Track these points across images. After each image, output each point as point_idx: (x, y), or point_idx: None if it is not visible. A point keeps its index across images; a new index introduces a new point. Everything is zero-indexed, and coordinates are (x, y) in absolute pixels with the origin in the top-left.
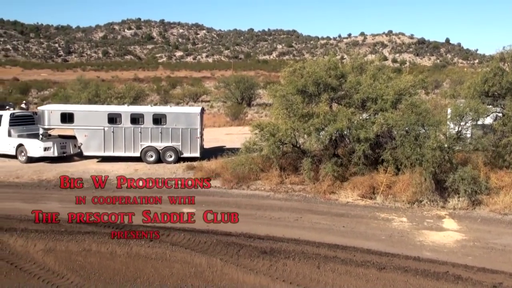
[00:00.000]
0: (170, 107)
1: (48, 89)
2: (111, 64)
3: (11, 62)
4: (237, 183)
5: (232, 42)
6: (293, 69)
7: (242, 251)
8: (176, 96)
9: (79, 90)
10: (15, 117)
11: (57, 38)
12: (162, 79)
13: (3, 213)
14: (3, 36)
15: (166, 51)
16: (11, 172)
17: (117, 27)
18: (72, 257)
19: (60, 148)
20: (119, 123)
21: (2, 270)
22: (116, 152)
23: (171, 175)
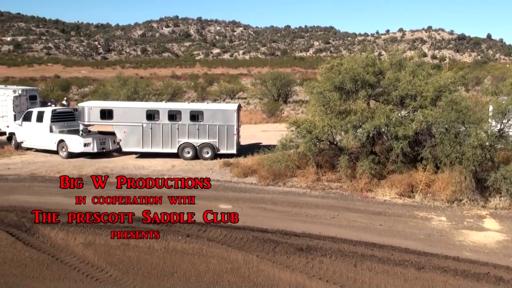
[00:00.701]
0: (207, 104)
1: (88, 86)
2: (149, 61)
3: (53, 60)
4: (273, 180)
5: (269, 39)
6: (331, 66)
7: (278, 248)
8: (213, 93)
9: (118, 87)
10: (57, 113)
11: (97, 36)
12: (199, 76)
13: (45, 207)
14: (45, 35)
15: (203, 48)
16: (53, 167)
17: (155, 25)
18: (111, 251)
19: (100, 144)
20: (157, 120)
21: (44, 262)
22: (154, 148)
23: (208, 171)
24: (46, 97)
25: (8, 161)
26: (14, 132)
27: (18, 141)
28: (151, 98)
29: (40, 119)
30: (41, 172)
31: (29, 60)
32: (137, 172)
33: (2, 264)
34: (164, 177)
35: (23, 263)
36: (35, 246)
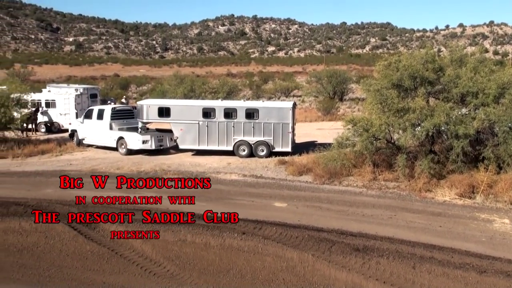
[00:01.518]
0: (262, 102)
1: (146, 85)
2: (205, 60)
3: (112, 59)
4: (328, 178)
5: (324, 36)
6: (388, 63)
7: (334, 248)
8: (268, 91)
9: (175, 85)
10: (116, 111)
11: (154, 36)
12: (254, 74)
13: (105, 202)
14: (105, 35)
15: (259, 46)
16: (112, 163)
17: (211, 23)
18: (168, 247)
19: (157, 141)
20: (213, 118)
21: (104, 256)
22: (210, 145)
23: (263, 169)
24: (106, 96)
25: (70, 157)
26: (76, 129)
27: (79, 138)
28: (207, 96)
29: (100, 117)
30: (101, 168)
31: (90, 60)
32: (193, 169)
33: (65, 256)
34: (217, 175)
35: (84, 256)
36: (96, 240)
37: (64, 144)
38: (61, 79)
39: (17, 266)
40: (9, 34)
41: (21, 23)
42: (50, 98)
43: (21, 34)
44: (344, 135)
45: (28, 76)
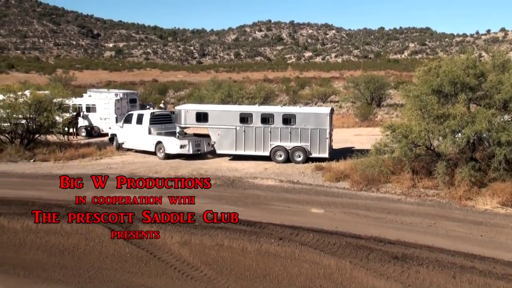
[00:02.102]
0: (299, 107)
1: (184, 90)
2: (242, 65)
3: (151, 65)
4: (366, 185)
5: (362, 42)
6: (428, 68)
7: (372, 255)
8: (305, 96)
9: (212, 90)
10: (155, 116)
11: (192, 41)
12: (291, 79)
13: (143, 205)
14: (144, 41)
15: (295, 52)
16: (151, 167)
17: (248, 29)
18: (206, 251)
19: (195, 146)
20: (250, 123)
21: (143, 259)
22: (246, 151)
23: (300, 175)
24: (144, 100)
25: (110, 161)
26: (115, 134)
27: (119, 142)
28: (244, 102)
29: (139, 121)
30: (140, 172)
31: (129, 65)
32: (230, 174)
33: (105, 258)
34: (256, 180)
35: (123, 259)
36: (135, 243)
37: (104, 148)
38: (101, 84)
39: (58, 266)
40: (52, 40)
41: (63, 30)
42: (91, 103)
43: (63, 40)
44: (382, 141)
45: (70, 81)
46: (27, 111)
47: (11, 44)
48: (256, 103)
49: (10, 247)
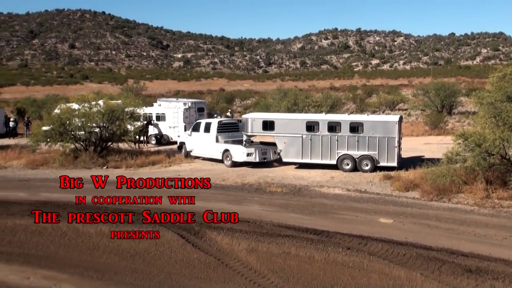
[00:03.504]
0: (367, 115)
1: (250, 99)
2: (308, 74)
3: (218, 74)
4: (437, 195)
5: (431, 48)
6: (503, 74)
7: (444, 267)
8: (372, 104)
9: (278, 99)
10: (222, 124)
11: (258, 51)
12: (357, 87)
13: (211, 212)
14: (211, 51)
15: (362, 59)
16: (218, 175)
17: (314, 37)
18: (273, 259)
19: (261, 154)
20: (316, 131)
21: (210, 265)
22: (313, 159)
23: (368, 184)
24: (212, 109)
25: (178, 168)
26: (184, 142)
27: (187, 150)
28: (310, 110)
29: (207, 130)
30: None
31: (197, 75)
32: (296, 182)
33: (173, 264)
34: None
35: (191, 264)
36: (203, 249)
37: (173, 155)
38: (170, 94)
39: (129, 270)
40: (124, 52)
41: (134, 41)
42: (161, 112)
43: (134, 51)
44: (454, 150)
45: (140, 91)
46: (101, 120)
47: (85, 56)
48: (322, 111)
49: (84, 250)
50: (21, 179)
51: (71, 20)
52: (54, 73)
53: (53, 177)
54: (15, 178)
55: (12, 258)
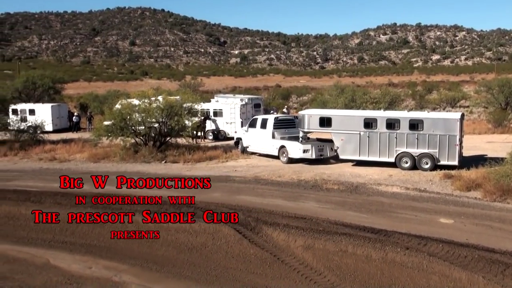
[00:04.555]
0: (427, 112)
1: (306, 95)
2: (366, 70)
3: (274, 70)
4: (500, 195)
5: (495, 43)
6: None
7: (508, 271)
8: (432, 101)
9: (335, 95)
10: (279, 121)
11: (315, 47)
12: (417, 83)
13: (267, 208)
14: (268, 47)
15: (422, 55)
16: (274, 171)
17: (372, 33)
18: (329, 256)
19: (318, 150)
20: (374, 128)
21: (266, 261)
22: (370, 156)
23: (427, 183)
24: (268, 105)
25: (235, 164)
26: (240, 138)
27: (244, 145)
28: (368, 107)
29: (264, 126)
30: (263, 175)
31: (253, 71)
32: (353, 180)
33: (230, 258)
34: (376, 187)
35: (248, 259)
36: (259, 245)
37: (229, 151)
38: (227, 90)
39: (187, 263)
40: (182, 49)
41: (192, 38)
42: (218, 108)
43: (192, 48)
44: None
45: (198, 87)
46: (160, 115)
47: (145, 53)
48: (380, 108)
49: (143, 242)
50: (84, 172)
51: (132, 18)
52: (115, 70)
53: (113, 171)
54: (78, 171)
55: (75, 248)
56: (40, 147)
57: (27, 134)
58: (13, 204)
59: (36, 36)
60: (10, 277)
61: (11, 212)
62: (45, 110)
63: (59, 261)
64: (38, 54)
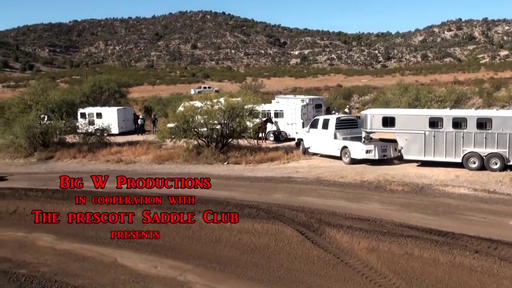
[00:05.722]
0: (496, 110)
1: (368, 94)
2: (430, 67)
3: (335, 70)
4: None
5: None
6: None
7: None
8: (501, 98)
9: (399, 94)
10: (340, 121)
11: (377, 45)
12: (484, 81)
13: (330, 209)
14: (328, 47)
15: (489, 51)
16: (336, 172)
17: (436, 29)
18: (394, 259)
19: (381, 151)
20: (440, 127)
21: (330, 262)
22: (436, 157)
23: (497, 184)
24: (329, 106)
25: (296, 165)
26: (302, 138)
27: (305, 146)
28: (433, 105)
29: (325, 126)
30: (325, 176)
31: (314, 71)
32: (418, 181)
33: (293, 259)
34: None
35: (311, 261)
36: (322, 246)
37: (291, 152)
38: (287, 91)
39: (250, 264)
40: (242, 51)
41: (253, 40)
42: (279, 109)
43: (252, 50)
44: None
45: (259, 88)
46: (222, 117)
47: (206, 56)
48: (446, 107)
49: (207, 242)
50: (149, 173)
51: (193, 22)
52: (177, 73)
53: (177, 172)
54: (143, 172)
55: (141, 248)
56: (107, 149)
57: (95, 136)
58: (82, 204)
59: (102, 42)
60: (80, 275)
61: (81, 212)
62: (112, 114)
63: (126, 260)
64: (104, 59)
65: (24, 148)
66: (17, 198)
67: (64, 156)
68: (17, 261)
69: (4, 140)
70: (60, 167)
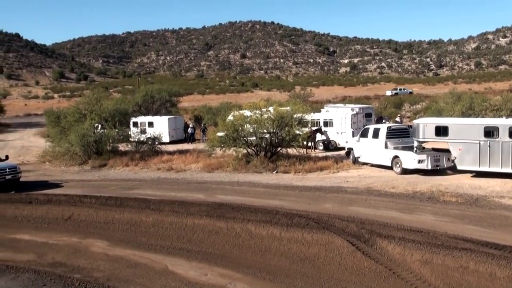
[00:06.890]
0: None
1: (420, 103)
2: (483, 75)
3: (385, 79)
4: None
5: None
6: None
7: None
8: None
9: (452, 103)
10: (391, 130)
11: (429, 53)
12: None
13: (381, 220)
14: (378, 55)
15: None
16: (387, 182)
17: (490, 36)
18: (449, 272)
19: (434, 161)
20: (496, 137)
21: (381, 274)
22: (492, 167)
23: None
24: (380, 114)
25: (346, 175)
26: (352, 148)
27: (355, 156)
28: (488, 114)
29: (376, 135)
30: (376, 186)
31: (363, 80)
32: (473, 192)
33: (343, 270)
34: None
35: (362, 272)
36: (373, 257)
37: (340, 161)
38: (336, 100)
39: (300, 274)
40: (291, 60)
41: (301, 49)
42: (328, 118)
43: (301, 59)
44: None
45: (308, 97)
46: (271, 126)
47: (255, 65)
48: (502, 116)
49: (256, 251)
50: (199, 181)
51: (243, 31)
52: (226, 82)
53: (227, 180)
54: (193, 181)
55: (191, 255)
56: (158, 158)
57: (147, 145)
58: (134, 211)
59: (154, 53)
60: (132, 281)
61: (132, 219)
62: (163, 122)
63: (176, 267)
64: (156, 70)
65: (78, 156)
66: (72, 205)
67: (117, 164)
68: (71, 265)
69: (60, 148)
70: (113, 175)
